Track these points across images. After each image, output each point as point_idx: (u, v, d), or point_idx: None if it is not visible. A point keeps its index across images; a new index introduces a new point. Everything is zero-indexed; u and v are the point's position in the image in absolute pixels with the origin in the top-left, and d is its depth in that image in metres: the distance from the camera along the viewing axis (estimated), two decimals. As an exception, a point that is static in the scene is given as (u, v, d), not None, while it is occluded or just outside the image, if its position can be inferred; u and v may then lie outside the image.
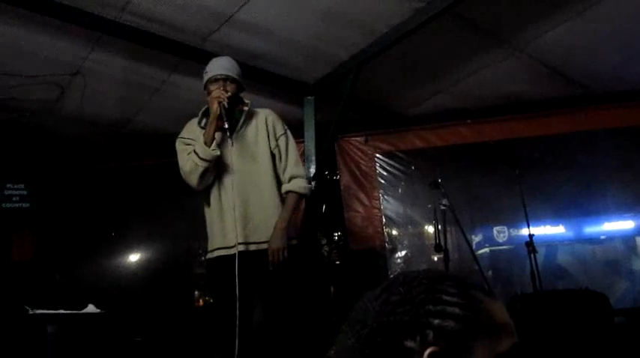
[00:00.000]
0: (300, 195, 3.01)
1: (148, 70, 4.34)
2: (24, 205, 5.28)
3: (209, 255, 2.99)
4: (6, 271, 5.25)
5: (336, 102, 4.62)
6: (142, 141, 5.42)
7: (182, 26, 3.80)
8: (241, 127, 2.99)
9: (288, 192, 3.00)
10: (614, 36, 4.14)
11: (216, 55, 4.05)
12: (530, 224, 4.51)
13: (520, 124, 5.10)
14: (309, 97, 4.76)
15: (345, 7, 3.65)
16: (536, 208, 5.47)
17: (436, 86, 4.87)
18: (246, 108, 3.03)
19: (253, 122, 3.02)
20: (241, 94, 3.12)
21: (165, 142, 3.55)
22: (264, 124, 3.03)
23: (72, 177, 5.68)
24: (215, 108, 2.86)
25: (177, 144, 3.10)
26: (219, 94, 2.87)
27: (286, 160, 3.03)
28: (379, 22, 3.86)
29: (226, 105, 2.85)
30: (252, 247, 2.88)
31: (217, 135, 2.93)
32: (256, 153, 2.97)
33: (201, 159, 2.86)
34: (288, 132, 3.13)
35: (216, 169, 2.96)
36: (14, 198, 5.26)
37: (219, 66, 3.05)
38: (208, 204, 3.00)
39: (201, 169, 2.88)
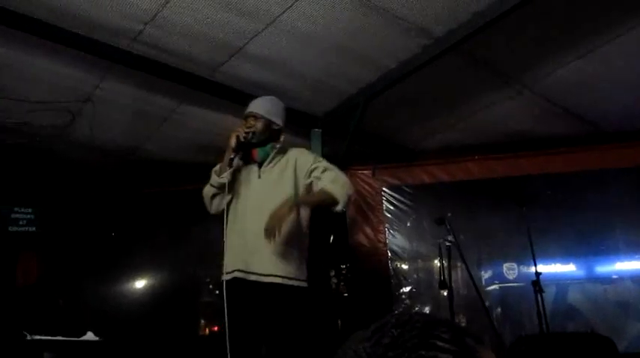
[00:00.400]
0: (332, 197, 2.92)
1: (157, 99, 4.40)
2: (30, 229, 5.31)
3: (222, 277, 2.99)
4: (10, 295, 5.25)
5: (343, 135, 4.64)
6: (149, 168, 5.45)
7: (192, 57, 3.85)
8: (270, 162, 3.04)
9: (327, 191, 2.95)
10: (624, 75, 4.14)
11: (226, 86, 4.16)
12: (540, 262, 4.45)
13: (528, 161, 5.08)
14: (317, 130, 4.78)
15: (354, 43, 3.68)
16: (546, 246, 5.41)
17: (444, 121, 4.88)
18: (278, 146, 3.08)
19: (283, 159, 3.08)
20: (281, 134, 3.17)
21: (172, 170, 3.57)
22: (293, 163, 3.07)
23: (79, 202, 5.71)
24: (230, 140, 2.96)
25: None
26: (237, 129, 2.99)
27: (325, 168, 3.04)
28: (387, 58, 3.90)
29: (242, 139, 2.93)
30: (252, 277, 2.86)
31: (248, 167, 3.05)
32: (279, 190, 2.98)
33: (210, 184, 3.03)
34: (325, 161, 3.14)
35: (239, 198, 3.03)
36: (21, 222, 5.30)
37: (251, 104, 3.15)
38: (227, 230, 3.03)
39: (209, 193, 3.04)
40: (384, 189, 5.37)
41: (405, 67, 3.92)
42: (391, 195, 5.37)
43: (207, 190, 3.06)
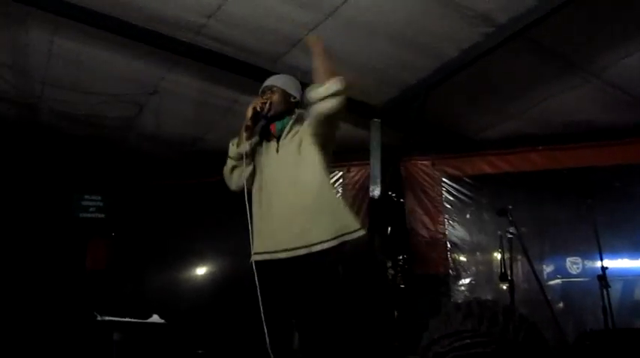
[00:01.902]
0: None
1: (219, 90, 4.50)
2: (99, 216, 5.55)
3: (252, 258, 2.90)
4: (81, 278, 5.51)
5: (403, 125, 4.61)
6: (212, 158, 5.57)
7: (254, 48, 3.92)
8: (287, 135, 2.94)
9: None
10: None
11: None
12: (607, 256, 4.30)
13: (594, 152, 4.90)
14: (376, 120, 4.77)
15: (414, 32, 3.65)
16: (613, 240, 5.21)
17: (507, 111, 4.77)
18: (294, 116, 2.98)
19: (301, 129, 2.94)
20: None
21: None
22: (306, 127, 2.92)
23: (145, 190, 5.92)
24: (246, 112, 2.92)
25: None
26: (254, 101, 2.96)
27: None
28: (448, 47, 3.84)
29: (258, 109, 2.88)
30: (281, 255, 2.77)
31: (269, 144, 2.96)
32: (300, 159, 2.88)
33: (228, 157, 3.00)
34: None
35: (262, 175, 2.95)
36: (91, 209, 5.56)
37: (267, 80, 3.11)
38: (254, 209, 2.94)
39: (228, 167, 3.00)
40: (443, 179, 5.30)
41: (467, 56, 3.85)
42: (451, 186, 5.30)
43: (226, 165, 3.00)
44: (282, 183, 2.86)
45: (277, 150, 2.92)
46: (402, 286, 6.04)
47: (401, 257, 5.80)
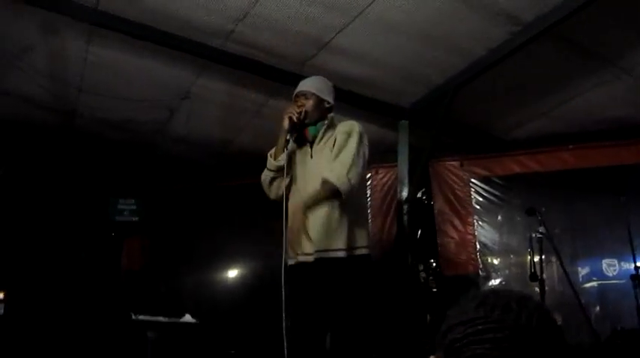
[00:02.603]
0: (332, 188, 2.80)
1: (249, 94, 4.58)
2: (134, 218, 5.70)
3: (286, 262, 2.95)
4: (116, 278, 5.66)
5: (430, 125, 4.61)
6: (242, 160, 5.66)
7: (282, 52, 3.98)
8: (320, 141, 2.98)
9: (324, 181, 2.83)
10: None
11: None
12: None
13: (627, 150, 4.81)
14: (404, 121, 4.79)
15: (441, 31, 3.66)
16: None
17: (536, 110, 4.74)
18: (326, 122, 3.02)
19: (333, 136, 2.97)
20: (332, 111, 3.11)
21: (264, 162, 3.69)
22: (337, 133, 2.97)
23: (178, 193, 6.04)
24: (283, 122, 2.94)
25: None
26: (288, 110, 2.96)
27: (337, 156, 2.87)
28: (476, 45, 3.84)
29: (295, 119, 2.89)
30: (301, 258, 2.86)
31: (303, 149, 3.02)
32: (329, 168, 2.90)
33: (267, 168, 3.06)
34: (355, 135, 2.91)
35: (296, 181, 3.01)
36: (125, 212, 5.72)
37: (300, 84, 3.13)
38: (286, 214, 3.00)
39: (267, 179, 3.06)
40: (472, 180, 5.27)
41: (494, 55, 3.84)
42: (480, 187, 5.27)
43: (265, 175, 3.05)
44: (312, 188, 2.91)
45: (312, 156, 2.97)
46: (435, 290, 6.02)
47: (432, 260, 5.78)
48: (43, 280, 5.12)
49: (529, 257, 4.34)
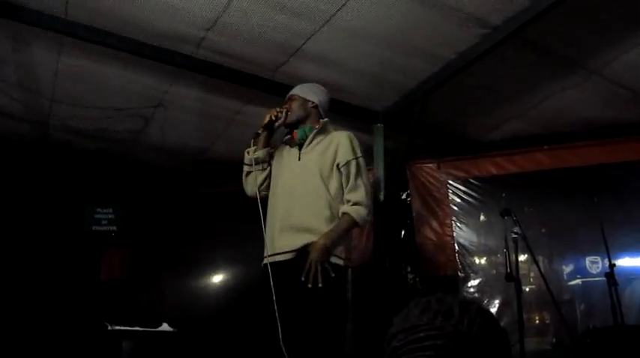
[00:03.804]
0: (355, 221, 2.97)
1: (222, 101, 4.57)
2: (112, 228, 5.67)
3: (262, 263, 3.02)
4: (93, 289, 5.62)
5: (405, 129, 4.63)
6: (220, 167, 5.66)
7: (253, 59, 3.99)
8: (310, 143, 3.07)
9: (344, 213, 2.95)
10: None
11: (287, 86, 4.24)
12: (627, 254, 4.26)
13: (600, 150, 4.86)
14: (379, 125, 4.81)
15: (410, 36, 3.68)
16: (630, 238, 5.16)
17: (510, 112, 4.77)
18: (317, 126, 3.10)
19: (325, 141, 3.08)
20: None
21: (242, 169, 3.69)
22: (334, 149, 3.05)
23: (155, 202, 6.02)
24: (263, 120, 3.14)
25: None
26: (272, 110, 3.16)
27: (354, 185, 3.00)
28: (445, 50, 3.86)
29: (272, 118, 3.08)
30: (278, 258, 2.90)
31: (291, 150, 3.13)
32: (320, 170, 3.00)
33: (244, 163, 3.19)
34: (361, 159, 3.09)
35: (279, 180, 3.09)
36: (103, 222, 5.68)
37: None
38: (268, 212, 3.08)
39: (244, 173, 3.19)
40: (449, 182, 5.29)
41: (464, 58, 3.87)
42: (457, 188, 5.29)
43: (243, 171, 3.19)
44: (297, 190, 2.97)
45: (299, 158, 3.05)
46: (421, 289, 6.03)
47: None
48: (18, 293, 5.07)
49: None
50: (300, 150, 3.07)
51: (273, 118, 3.09)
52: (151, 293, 5.71)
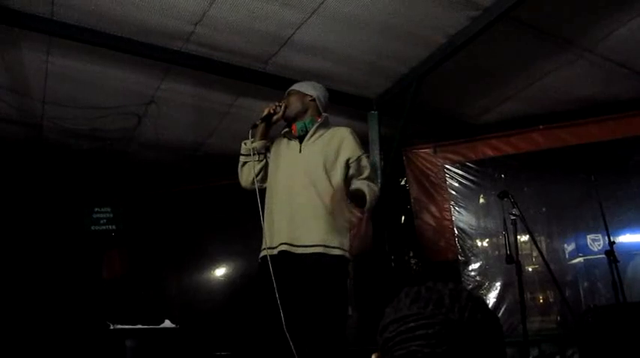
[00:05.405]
0: (375, 192, 3.00)
1: (215, 95, 4.55)
2: (111, 227, 5.66)
3: (260, 255, 3.01)
4: (95, 288, 5.62)
5: (400, 115, 4.61)
6: (216, 162, 5.64)
7: (243, 51, 3.96)
8: (311, 137, 3.08)
9: (361, 187, 2.98)
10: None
11: (279, 77, 4.24)
12: (628, 231, 4.24)
13: (596, 127, 4.84)
14: (373, 112, 4.79)
15: (399, 21, 3.65)
16: (630, 214, 5.16)
17: (504, 93, 4.76)
18: (319, 120, 3.12)
19: (327, 135, 3.09)
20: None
21: (237, 162, 3.67)
22: (337, 143, 3.06)
23: (153, 199, 6.01)
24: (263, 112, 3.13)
25: None
26: (272, 104, 3.16)
27: (369, 176, 3.08)
28: (436, 34, 3.84)
29: (271, 111, 3.09)
30: (299, 250, 2.87)
31: (290, 143, 3.11)
32: (323, 162, 3.00)
33: (241, 153, 3.17)
34: (364, 156, 3.14)
35: (280, 172, 3.07)
36: (102, 221, 5.68)
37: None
38: (267, 204, 3.06)
39: (240, 163, 3.18)
40: (446, 166, 5.29)
41: (456, 41, 3.84)
42: (455, 172, 5.28)
43: (239, 162, 3.18)
44: (298, 182, 2.96)
45: (300, 151, 3.05)
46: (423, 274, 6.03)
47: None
48: (21, 295, 5.07)
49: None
50: (300, 142, 3.08)
51: (272, 112, 3.10)
52: (153, 290, 5.71)
